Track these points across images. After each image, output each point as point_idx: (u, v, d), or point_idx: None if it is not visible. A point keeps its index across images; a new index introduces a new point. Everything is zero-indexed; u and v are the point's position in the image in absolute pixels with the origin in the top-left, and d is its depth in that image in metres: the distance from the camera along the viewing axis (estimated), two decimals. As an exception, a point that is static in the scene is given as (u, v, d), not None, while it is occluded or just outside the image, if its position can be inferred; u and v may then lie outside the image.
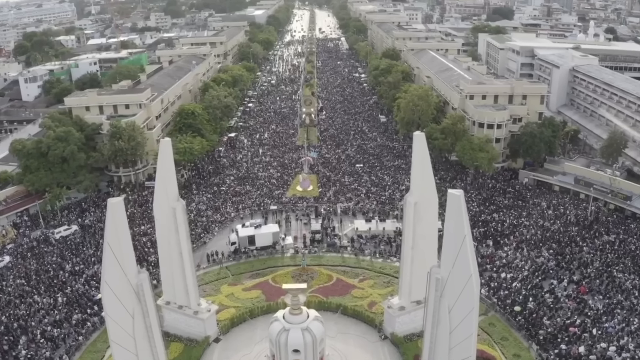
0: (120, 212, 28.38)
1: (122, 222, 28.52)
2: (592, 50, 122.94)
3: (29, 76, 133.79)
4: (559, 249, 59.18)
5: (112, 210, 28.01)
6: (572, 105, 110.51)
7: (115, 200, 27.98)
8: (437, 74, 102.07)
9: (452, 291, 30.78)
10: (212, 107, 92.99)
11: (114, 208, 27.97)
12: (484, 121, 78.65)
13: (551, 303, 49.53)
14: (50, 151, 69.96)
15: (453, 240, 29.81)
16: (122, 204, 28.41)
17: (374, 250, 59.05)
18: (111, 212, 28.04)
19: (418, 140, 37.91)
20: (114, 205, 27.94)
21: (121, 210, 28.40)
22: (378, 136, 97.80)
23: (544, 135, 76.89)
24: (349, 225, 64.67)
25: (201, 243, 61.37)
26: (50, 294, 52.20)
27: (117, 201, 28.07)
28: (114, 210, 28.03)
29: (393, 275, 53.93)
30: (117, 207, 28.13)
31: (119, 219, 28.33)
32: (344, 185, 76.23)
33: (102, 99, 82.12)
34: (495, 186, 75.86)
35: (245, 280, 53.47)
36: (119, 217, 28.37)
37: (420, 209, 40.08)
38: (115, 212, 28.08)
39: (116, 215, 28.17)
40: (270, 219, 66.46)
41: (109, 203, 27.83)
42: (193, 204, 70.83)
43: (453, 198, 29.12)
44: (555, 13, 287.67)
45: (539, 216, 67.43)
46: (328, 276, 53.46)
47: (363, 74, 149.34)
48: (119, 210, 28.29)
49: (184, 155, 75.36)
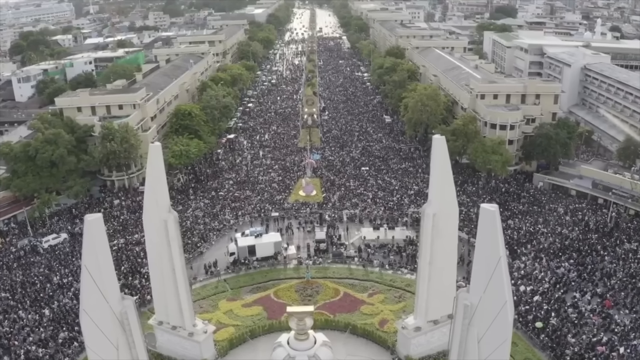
0: (99, 231, 24.45)
1: (101, 242, 24.61)
2: (603, 49, 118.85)
3: (22, 76, 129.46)
4: (580, 259, 55.96)
5: (90, 228, 24.10)
6: (584, 105, 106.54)
7: (92, 217, 24.02)
8: (445, 73, 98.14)
9: (483, 319, 27.06)
10: (210, 108, 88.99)
11: (91, 226, 24.06)
12: (496, 122, 74.75)
13: (575, 318, 46.22)
14: (38, 155, 66.17)
15: (486, 261, 26.01)
16: (101, 221, 24.46)
17: (382, 261, 55.13)
18: (89, 230, 24.14)
19: (438, 145, 33.95)
20: (92, 223, 24.02)
21: (100, 228, 24.46)
22: (383, 137, 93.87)
23: (559, 136, 73.08)
24: (355, 233, 60.76)
25: (198, 253, 57.47)
26: (36, 309, 48.87)
27: (95, 218, 24.10)
28: (91, 228, 24.11)
29: (405, 289, 50.19)
30: (95, 225, 24.19)
31: (98, 238, 24.41)
32: (349, 189, 72.28)
33: (95, 99, 78.08)
34: (509, 190, 72.10)
35: (245, 294, 49.53)
36: (98, 237, 24.45)
37: (439, 220, 36.13)
38: (93, 230, 24.16)
39: (94, 235, 24.25)
40: (271, 226, 62.62)
41: (86, 220, 23.93)
42: (189, 210, 67.00)
43: (487, 214, 25.30)
44: (559, 11, 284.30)
45: (556, 223, 63.93)
46: (334, 290, 49.50)
47: (366, 73, 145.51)
48: (97, 229, 24.35)
49: (180, 158, 71.48)
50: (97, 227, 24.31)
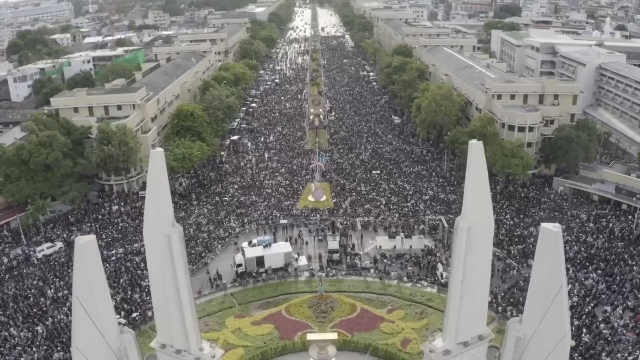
0: (92, 255, 20.77)
1: (95, 268, 20.95)
2: (617, 48, 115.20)
3: (18, 75, 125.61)
4: (608, 269, 52.84)
5: (81, 252, 20.45)
6: (599, 106, 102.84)
7: (84, 240, 20.31)
8: (456, 72, 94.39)
9: (537, 353, 23.47)
10: (213, 108, 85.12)
11: (83, 250, 20.39)
12: (514, 123, 71.11)
13: (608, 335, 43.43)
14: (32, 158, 62.49)
15: (544, 289, 22.43)
16: (94, 244, 20.75)
17: (400, 273, 51.43)
18: (80, 255, 20.49)
19: (474, 151, 29.98)
20: (84, 247, 20.34)
21: (93, 251, 20.78)
22: (393, 139, 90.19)
23: (580, 139, 69.49)
24: (370, 242, 57.10)
25: (202, 264, 53.77)
26: (28, 326, 45.76)
27: (86, 241, 20.39)
28: (83, 252, 20.46)
29: (426, 304, 46.69)
30: (87, 248, 20.50)
31: (91, 264, 20.75)
32: (361, 194, 68.55)
33: (92, 99, 74.18)
34: (528, 195, 68.57)
35: (254, 311, 45.88)
36: (91, 262, 20.78)
37: (473, 235, 32.20)
38: (85, 255, 20.50)
39: (87, 260, 20.59)
40: (279, 234, 58.96)
41: (77, 244, 20.25)
42: (192, 217, 63.34)
43: (548, 235, 21.76)
44: (563, 10, 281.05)
45: (580, 230, 60.59)
46: (351, 306, 45.87)
47: (372, 72, 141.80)
48: (90, 253, 20.68)
49: (182, 161, 67.72)
50: (89, 251, 20.60)
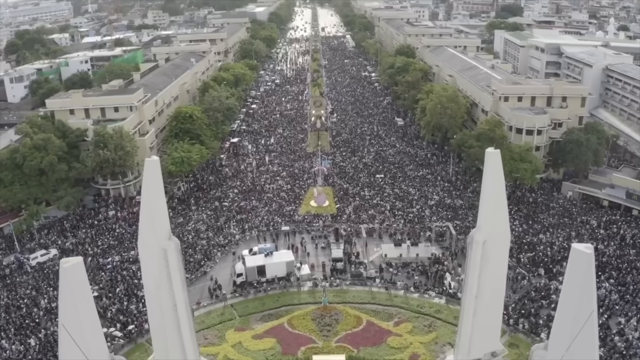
0: (79, 279, 18.83)
1: (82, 293, 19.01)
2: (623, 49, 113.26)
3: (15, 75, 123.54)
4: (620, 278, 50.96)
5: (67, 277, 18.51)
6: (606, 108, 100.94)
7: (70, 263, 18.35)
8: (461, 73, 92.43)
9: (563, 382, 21.46)
10: (213, 110, 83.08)
11: (69, 274, 18.46)
12: (522, 126, 69.20)
13: (623, 348, 41.69)
14: (26, 162, 60.52)
15: (574, 314, 20.49)
16: (82, 267, 18.82)
17: (407, 282, 49.50)
18: (66, 280, 18.55)
19: (491, 160, 28.08)
20: (69, 271, 18.40)
21: (80, 275, 18.83)
22: (397, 141, 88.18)
23: (590, 142, 67.63)
24: (375, 249, 55.12)
25: (201, 273, 51.80)
26: (20, 339, 43.95)
27: (72, 264, 18.42)
28: (69, 276, 18.52)
29: (434, 316, 44.85)
30: (73, 272, 18.55)
31: (78, 289, 18.81)
32: (365, 199, 66.58)
33: (88, 100, 72.14)
34: (537, 200, 66.65)
35: (256, 323, 43.98)
36: (78, 287, 18.84)
37: (489, 248, 30.42)
38: (71, 279, 18.56)
39: (73, 285, 18.65)
40: (281, 241, 57.02)
41: (62, 268, 18.31)
42: (191, 223, 61.40)
43: (579, 257, 19.82)
44: (565, 10, 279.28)
45: (590, 237, 58.67)
46: (356, 318, 43.97)
47: (373, 72, 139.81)
48: (77, 276, 18.73)
49: (180, 165, 65.74)
50: (76, 275, 18.63)
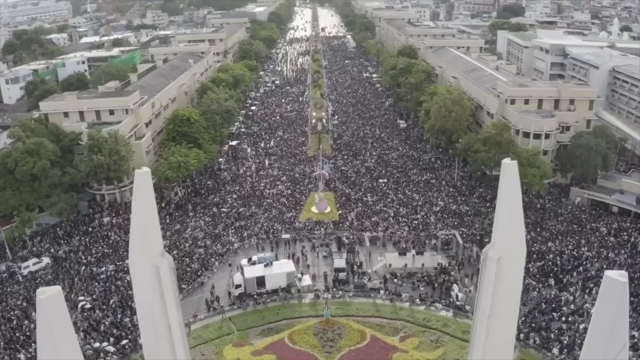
0: (57, 311, 16.81)
1: (62, 326, 16.99)
2: (630, 50, 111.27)
3: (11, 76, 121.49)
4: (632, 289, 48.82)
5: (44, 309, 16.52)
6: (613, 110, 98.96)
7: (46, 294, 16.35)
8: (465, 75, 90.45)
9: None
10: (211, 112, 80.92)
11: (46, 306, 16.47)
12: (529, 130, 67.28)
13: None
14: (18, 167, 58.50)
15: (604, 346, 18.44)
16: (60, 297, 16.83)
17: (412, 294, 47.55)
18: (43, 312, 16.56)
19: (508, 172, 25.85)
20: (46, 303, 16.41)
21: (59, 308, 16.82)
22: (399, 145, 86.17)
23: (600, 147, 65.69)
24: (378, 259, 53.12)
25: (198, 284, 49.80)
26: (10, 353, 41.96)
27: (49, 295, 16.43)
28: (46, 309, 16.52)
29: (441, 330, 42.95)
30: (51, 303, 16.55)
31: (56, 322, 16.78)
32: (367, 205, 64.60)
33: (83, 103, 70.07)
34: (545, 207, 64.71)
35: (255, 338, 42.03)
36: (57, 319, 16.82)
37: (504, 266, 28.39)
38: (48, 312, 16.55)
39: (51, 317, 16.63)
40: (281, 250, 55.07)
41: (38, 299, 16.35)
42: (188, 230, 59.42)
43: (612, 285, 17.75)
44: (566, 10, 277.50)
45: (601, 245, 56.84)
46: (360, 333, 42.03)
47: (375, 73, 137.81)
48: (55, 308, 16.72)
49: (177, 170, 63.66)
50: (54, 306, 16.59)
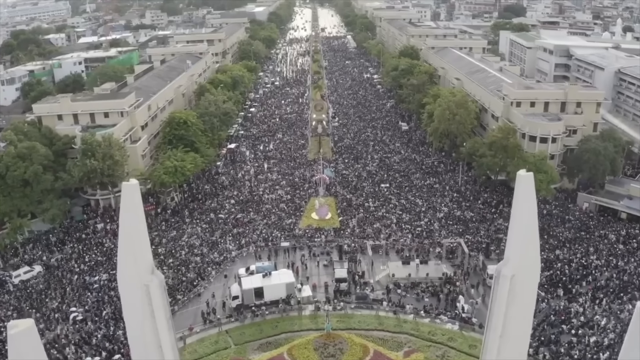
0: (31, 347, 15.10)
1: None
2: (635, 51, 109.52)
3: (6, 77, 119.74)
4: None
5: (16, 345, 14.80)
6: (618, 113, 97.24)
7: (18, 329, 14.64)
8: (469, 76, 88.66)
9: None
10: (209, 115, 79.11)
11: (16, 342, 14.75)
12: (536, 134, 65.52)
13: None
14: (9, 172, 56.74)
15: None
16: (33, 332, 15.12)
17: (416, 306, 45.75)
18: (15, 348, 14.84)
19: (524, 184, 24.39)
20: (17, 338, 14.69)
21: (33, 342, 15.12)
22: (402, 147, 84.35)
23: (608, 151, 63.98)
24: (381, 268, 51.33)
25: (194, 294, 48.02)
26: (-2, 366, 40.20)
27: (21, 329, 14.73)
28: (18, 345, 14.80)
29: (447, 345, 41.25)
30: (23, 338, 14.84)
31: (29, 358, 15.07)
32: (369, 211, 62.80)
33: (77, 106, 68.10)
34: (552, 213, 62.95)
35: (253, 353, 40.28)
36: (30, 356, 15.10)
37: (517, 284, 26.82)
38: (21, 348, 14.84)
39: (24, 353, 14.92)
40: (280, 258, 53.29)
41: (9, 335, 14.62)
42: (184, 237, 57.63)
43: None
44: (568, 11, 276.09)
45: (610, 253, 55.15)
46: (362, 347, 40.22)
47: (376, 74, 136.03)
48: (27, 344, 15.01)
49: (174, 175, 61.86)
50: (27, 342, 14.93)
